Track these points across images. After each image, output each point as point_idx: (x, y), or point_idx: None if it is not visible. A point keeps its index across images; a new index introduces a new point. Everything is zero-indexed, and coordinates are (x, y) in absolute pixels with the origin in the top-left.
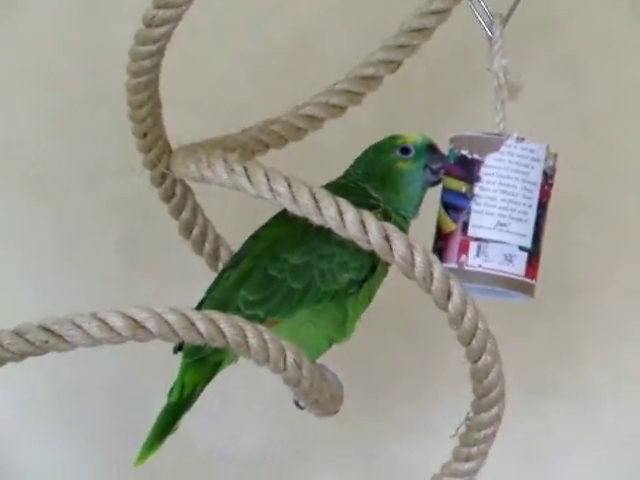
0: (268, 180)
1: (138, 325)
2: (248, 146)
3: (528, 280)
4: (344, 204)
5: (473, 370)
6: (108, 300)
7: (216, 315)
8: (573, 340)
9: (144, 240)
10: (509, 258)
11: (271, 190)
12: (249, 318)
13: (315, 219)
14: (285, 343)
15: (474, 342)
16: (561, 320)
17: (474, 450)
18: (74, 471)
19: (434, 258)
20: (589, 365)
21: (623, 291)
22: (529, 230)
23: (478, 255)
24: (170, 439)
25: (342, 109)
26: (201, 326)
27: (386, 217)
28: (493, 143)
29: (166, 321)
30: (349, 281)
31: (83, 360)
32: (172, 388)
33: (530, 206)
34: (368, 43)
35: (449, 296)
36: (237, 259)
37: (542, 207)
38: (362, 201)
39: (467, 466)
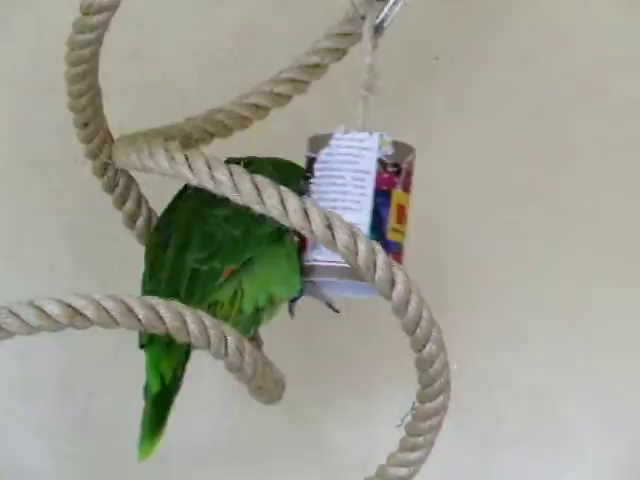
0: (209, 168)
1: (76, 312)
2: (192, 136)
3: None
4: (286, 193)
5: (418, 359)
6: (55, 290)
7: (155, 301)
8: (523, 329)
9: (90, 231)
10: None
11: (212, 178)
12: (209, 273)
13: (257, 208)
14: (226, 328)
15: (418, 331)
16: (511, 309)
17: (420, 440)
18: (22, 466)
19: (378, 247)
20: (539, 354)
21: (575, 279)
22: (364, 218)
23: (313, 249)
24: (115, 431)
25: (287, 98)
26: (140, 312)
27: None
28: (324, 139)
29: (104, 308)
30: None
31: (29, 353)
32: (147, 384)
33: (363, 194)
34: (314, 32)
35: (393, 285)
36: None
37: (383, 194)
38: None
39: (413, 456)
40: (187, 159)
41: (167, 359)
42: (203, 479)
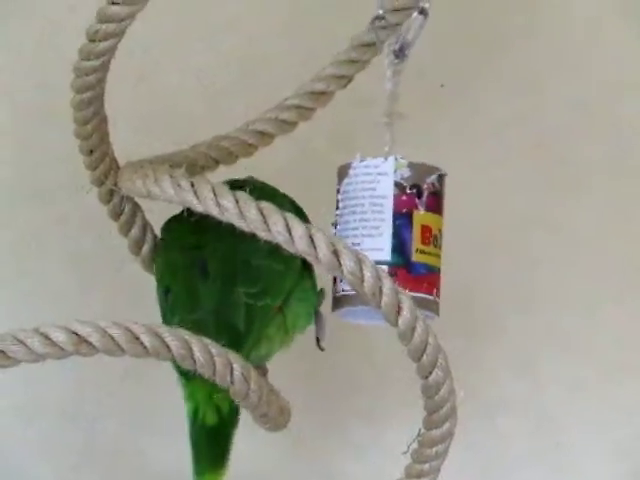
0: (215, 195)
1: (81, 340)
2: (197, 162)
3: None
4: (292, 219)
5: (424, 386)
6: (60, 317)
7: (161, 329)
8: (531, 356)
9: (95, 258)
10: None
11: (218, 205)
12: (263, 309)
13: (263, 235)
14: (232, 356)
15: (424, 357)
16: (519, 336)
17: (426, 467)
18: None
19: (384, 273)
20: (547, 382)
21: (581, 307)
22: (384, 243)
23: (341, 280)
24: (124, 458)
25: (292, 125)
26: (145, 340)
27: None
28: (344, 169)
29: (110, 335)
30: None
31: (33, 378)
32: (194, 415)
33: (382, 220)
34: (320, 59)
35: (399, 311)
36: (197, 271)
37: (403, 217)
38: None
39: None
40: (193, 186)
41: (221, 392)
42: None
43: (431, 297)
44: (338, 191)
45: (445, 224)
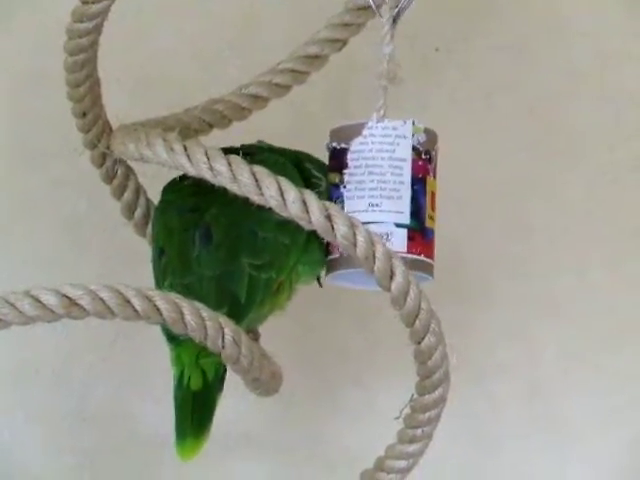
0: (208, 159)
1: (72, 302)
2: (190, 126)
3: (414, 256)
4: (285, 183)
5: (417, 351)
6: (53, 281)
7: (151, 292)
8: (524, 322)
9: (88, 221)
10: (387, 237)
11: (211, 169)
12: (267, 282)
13: (256, 198)
14: (223, 320)
15: (417, 323)
16: (512, 302)
17: (418, 432)
18: (16, 454)
19: (377, 238)
20: (540, 348)
21: (575, 273)
22: (404, 207)
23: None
24: (114, 423)
25: (286, 88)
26: (136, 303)
27: (328, 196)
28: (356, 128)
29: (100, 298)
30: None
31: (26, 343)
32: (180, 379)
33: (402, 182)
34: (314, 23)
35: (392, 276)
36: (194, 235)
37: (419, 182)
38: (304, 179)
39: (411, 448)
40: (186, 149)
41: (208, 358)
42: (197, 472)
43: (433, 262)
44: (344, 150)
45: (439, 188)
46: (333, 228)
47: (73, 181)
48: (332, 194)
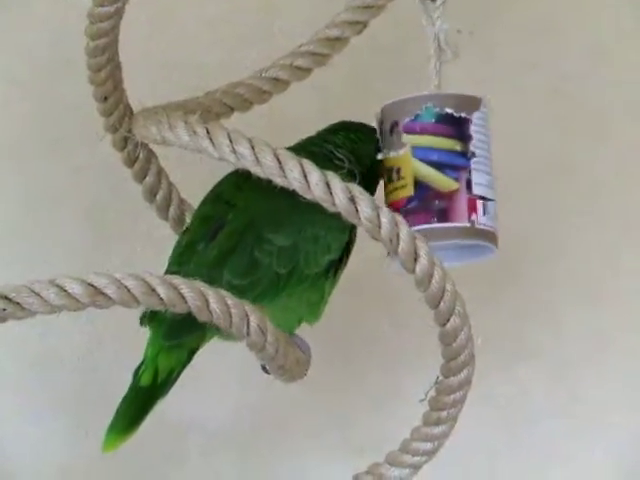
0: (231, 142)
1: (97, 291)
2: (212, 109)
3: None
4: (308, 165)
5: (442, 333)
6: (76, 269)
7: (177, 280)
8: (552, 304)
9: (112, 207)
10: (496, 216)
11: (234, 152)
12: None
13: (279, 181)
14: (248, 308)
15: (442, 304)
16: (541, 283)
17: (444, 414)
18: (42, 441)
19: (400, 219)
20: (569, 330)
21: (605, 253)
22: (494, 185)
23: (484, 214)
24: None
25: (307, 71)
26: (162, 291)
27: (351, 178)
28: (474, 102)
29: (126, 287)
30: (329, 262)
31: (50, 331)
32: (140, 368)
33: (491, 161)
34: (335, 6)
35: (416, 258)
36: (210, 229)
37: None
38: (327, 162)
39: (437, 430)
40: (208, 132)
41: (168, 357)
42: (224, 458)
43: None
44: (460, 120)
45: None
46: (357, 210)
47: (95, 167)
48: (449, 160)
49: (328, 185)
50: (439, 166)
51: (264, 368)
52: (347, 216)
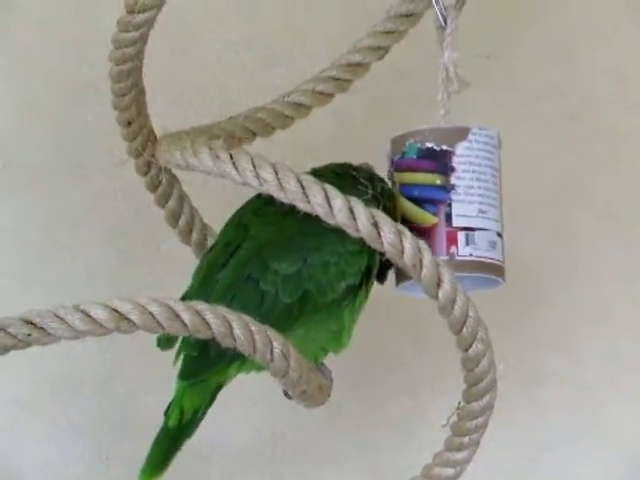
0: (254, 167)
1: (122, 317)
2: (234, 134)
3: (504, 265)
4: (332, 191)
5: (464, 358)
6: (99, 293)
7: (201, 306)
8: (570, 329)
9: (134, 232)
10: (492, 244)
11: (257, 177)
12: None
13: (302, 206)
14: (272, 333)
15: (465, 330)
16: (558, 308)
17: (466, 439)
18: (63, 466)
19: (424, 245)
20: (586, 354)
21: (621, 278)
22: (500, 216)
23: (467, 244)
24: (156, 431)
25: (329, 96)
26: (186, 317)
27: (375, 203)
28: (460, 133)
29: (150, 312)
30: (346, 288)
31: (71, 355)
32: (169, 408)
33: (497, 192)
34: (357, 32)
35: (439, 283)
36: (226, 252)
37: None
38: (350, 188)
39: (459, 455)
40: (232, 157)
41: (192, 396)
42: None
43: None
44: (447, 152)
45: None
46: (380, 235)
47: (118, 192)
48: (428, 195)
49: (351, 211)
50: (419, 202)
51: (286, 393)
52: (370, 242)
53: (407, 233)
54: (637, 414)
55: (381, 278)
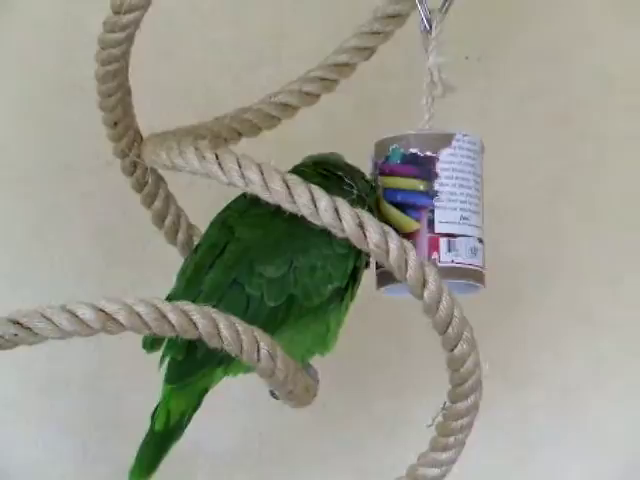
0: (240, 167)
1: (109, 317)
2: (221, 135)
3: (485, 271)
4: (317, 191)
5: (449, 359)
6: (85, 294)
7: (188, 306)
8: (555, 329)
9: (120, 232)
10: (473, 251)
11: (243, 177)
12: None
13: (288, 207)
14: (259, 334)
15: (450, 330)
16: (543, 308)
17: (451, 440)
18: (50, 466)
19: (409, 246)
20: (571, 354)
21: (605, 279)
22: (481, 222)
23: (449, 251)
24: (143, 430)
25: (315, 97)
26: (172, 318)
27: (361, 204)
28: (443, 139)
29: (137, 313)
30: (332, 291)
31: (58, 355)
32: (156, 412)
33: (479, 198)
34: (343, 32)
35: (425, 284)
36: (211, 254)
37: (482, 198)
38: (336, 188)
39: (444, 456)
40: (217, 158)
41: (179, 400)
42: None
43: None
44: (431, 159)
45: None
46: (365, 236)
47: (103, 192)
48: (411, 200)
49: (337, 211)
50: (402, 207)
51: (272, 393)
52: (355, 242)
53: (392, 234)
54: (622, 414)
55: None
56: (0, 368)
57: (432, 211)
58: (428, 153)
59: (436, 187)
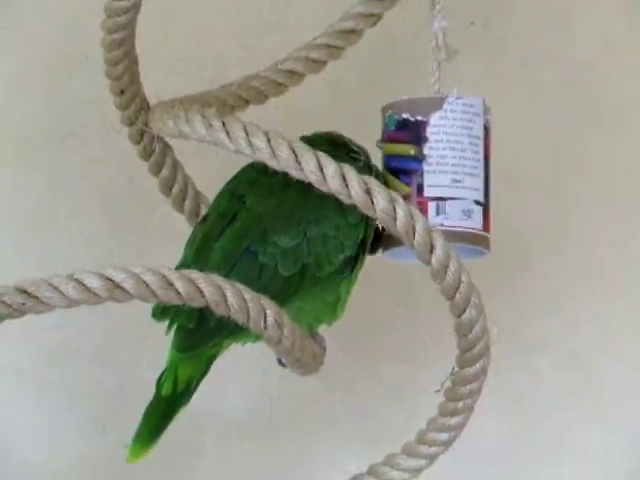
0: (247, 134)
1: (115, 286)
2: (227, 102)
3: (485, 233)
4: (324, 158)
5: (457, 324)
6: (92, 261)
7: (195, 275)
8: (563, 294)
9: (128, 200)
10: (467, 213)
11: (250, 145)
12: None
13: (295, 173)
14: (265, 302)
15: (458, 295)
16: (551, 273)
17: (460, 405)
18: (59, 434)
19: (416, 211)
20: (580, 319)
21: (613, 244)
22: (481, 184)
23: (438, 214)
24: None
25: (322, 64)
26: (179, 286)
27: (368, 171)
28: (435, 103)
29: (144, 281)
30: (343, 260)
31: (67, 323)
32: (162, 377)
33: (478, 160)
34: None
35: (432, 249)
36: (220, 223)
37: (487, 160)
38: (342, 154)
39: (453, 421)
40: (224, 125)
41: (187, 367)
42: (240, 449)
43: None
44: (422, 123)
45: None
46: (373, 202)
47: (111, 160)
48: (402, 165)
49: (344, 177)
50: (396, 172)
51: (280, 361)
52: (363, 208)
53: (400, 200)
54: (631, 378)
55: (372, 249)
56: (9, 338)
57: (422, 175)
58: (419, 117)
59: (426, 151)
